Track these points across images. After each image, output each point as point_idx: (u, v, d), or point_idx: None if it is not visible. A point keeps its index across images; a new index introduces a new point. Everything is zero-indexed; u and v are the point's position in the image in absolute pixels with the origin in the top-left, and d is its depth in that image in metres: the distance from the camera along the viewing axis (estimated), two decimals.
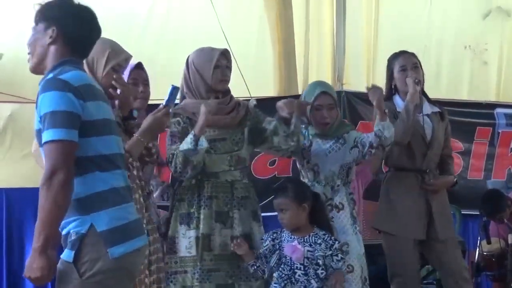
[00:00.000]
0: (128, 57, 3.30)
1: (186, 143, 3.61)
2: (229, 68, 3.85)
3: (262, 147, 4.00)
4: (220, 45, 5.83)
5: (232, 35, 6.02)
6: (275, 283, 3.71)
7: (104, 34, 3.39)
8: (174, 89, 3.34)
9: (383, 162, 4.52)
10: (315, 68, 6.61)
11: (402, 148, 4.17)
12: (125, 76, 3.49)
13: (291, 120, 3.86)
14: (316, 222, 3.78)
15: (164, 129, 3.41)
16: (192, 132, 3.62)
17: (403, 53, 4.27)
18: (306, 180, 4.05)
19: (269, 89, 6.45)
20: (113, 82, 3.21)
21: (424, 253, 4.28)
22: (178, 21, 6.25)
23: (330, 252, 3.71)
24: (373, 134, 3.87)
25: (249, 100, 4.01)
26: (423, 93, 4.27)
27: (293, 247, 3.69)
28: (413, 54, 4.28)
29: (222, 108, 3.79)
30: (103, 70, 3.21)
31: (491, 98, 6.54)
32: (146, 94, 3.72)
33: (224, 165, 3.79)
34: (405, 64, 4.19)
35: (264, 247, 3.73)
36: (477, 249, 5.41)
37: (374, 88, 3.96)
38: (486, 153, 6.34)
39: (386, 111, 3.92)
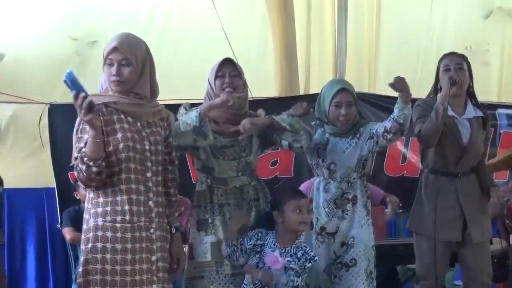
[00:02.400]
0: (111, 45, 3.27)
1: (191, 120, 3.60)
2: (236, 76, 3.82)
3: (273, 147, 4.03)
4: (222, 45, 5.94)
5: (234, 35, 6.02)
6: (245, 284, 3.70)
7: (106, 34, 3.42)
8: (68, 76, 3.09)
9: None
10: (316, 68, 6.61)
11: (436, 150, 4.17)
12: None
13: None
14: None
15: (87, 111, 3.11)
16: (198, 109, 3.63)
17: (451, 54, 4.27)
18: (321, 178, 4.06)
19: (271, 89, 6.45)
20: None
21: (457, 253, 4.28)
22: (179, 21, 6.25)
23: (305, 268, 3.68)
24: (389, 120, 3.84)
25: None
26: (470, 96, 4.25)
27: (274, 259, 3.66)
28: (461, 55, 4.27)
29: (228, 118, 3.80)
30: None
31: (493, 99, 6.54)
32: None
33: (231, 171, 3.84)
34: (448, 64, 4.19)
35: (248, 245, 3.71)
36: None
37: (399, 78, 3.81)
38: (487, 154, 6.33)
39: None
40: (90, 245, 3.17)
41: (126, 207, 3.20)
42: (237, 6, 6.39)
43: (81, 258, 3.22)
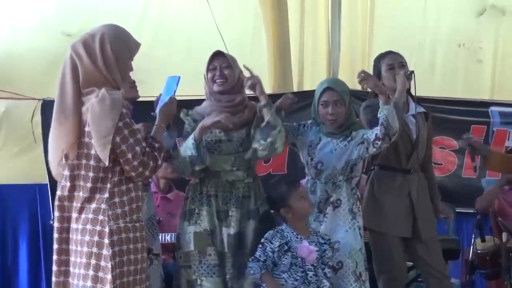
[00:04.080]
0: None
1: (189, 149, 3.73)
2: (227, 67, 3.89)
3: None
4: (215, 41, 5.92)
5: (227, 31, 6.02)
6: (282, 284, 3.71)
7: None
8: (174, 80, 3.47)
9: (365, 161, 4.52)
10: (310, 64, 6.60)
11: (389, 147, 4.17)
12: None
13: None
14: None
15: (175, 112, 3.52)
16: (192, 136, 3.73)
17: (389, 52, 4.34)
18: (309, 177, 4.08)
19: (264, 85, 6.38)
20: None
21: (406, 251, 4.31)
22: (173, 17, 6.25)
23: (332, 252, 3.82)
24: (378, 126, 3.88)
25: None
26: (409, 93, 4.30)
27: (308, 249, 3.71)
28: (399, 54, 4.34)
29: (222, 112, 3.84)
30: None
31: (486, 96, 6.54)
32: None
33: (226, 165, 3.88)
34: (392, 62, 4.26)
35: (275, 248, 3.70)
36: (471, 248, 5.41)
37: (365, 74, 3.97)
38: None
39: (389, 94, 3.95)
40: (117, 248, 3.09)
41: (139, 204, 3.22)
42: (231, 3, 6.39)
43: (105, 264, 3.09)
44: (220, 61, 3.90)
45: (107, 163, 3.07)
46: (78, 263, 3.13)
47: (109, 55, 3.12)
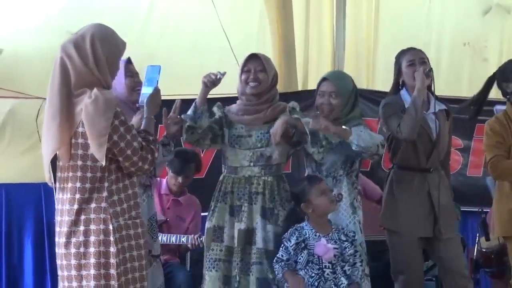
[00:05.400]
0: None
1: (190, 110, 3.91)
2: (261, 70, 3.98)
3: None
4: (220, 41, 5.93)
5: (232, 31, 6.03)
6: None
7: None
8: (155, 70, 3.47)
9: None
10: (315, 64, 6.60)
11: (408, 146, 4.17)
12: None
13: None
14: None
15: (160, 103, 3.50)
16: (194, 103, 3.91)
17: (411, 49, 4.30)
18: (309, 170, 4.09)
19: None
20: None
21: (427, 249, 4.30)
22: (178, 17, 6.25)
23: (354, 247, 3.79)
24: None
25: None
26: (430, 91, 4.26)
27: (326, 248, 3.73)
28: (421, 50, 4.30)
29: (247, 109, 4.00)
30: None
31: (491, 95, 6.48)
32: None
33: (244, 161, 3.96)
34: (413, 58, 4.21)
35: (291, 246, 3.74)
36: (476, 246, 5.41)
37: (315, 118, 3.98)
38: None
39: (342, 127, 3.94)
40: (120, 245, 3.11)
41: (136, 201, 3.24)
42: (236, 3, 6.40)
43: (106, 260, 3.11)
44: (254, 64, 3.98)
45: (103, 163, 3.07)
46: (84, 265, 3.11)
47: (100, 55, 3.12)
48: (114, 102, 3.09)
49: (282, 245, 3.77)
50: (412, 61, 4.20)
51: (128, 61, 3.82)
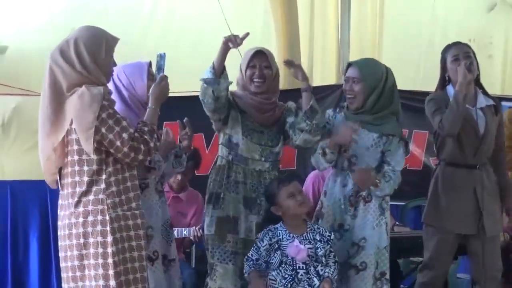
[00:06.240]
0: None
1: (206, 72, 3.78)
2: (267, 67, 3.92)
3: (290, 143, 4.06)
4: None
5: (237, 29, 5.96)
6: (272, 280, 3.69)
7: (108, 28, 3.44)
8: (160, 57, 3.55)
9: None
10: (319, 62, 6.61)
11: (454, 142, 4.13)
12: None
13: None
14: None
15: (168, 93, 3.55)
16: (212, 62, 3.77)
17: (456, 43, 4.25)
18: (338, 168, 4.03)
19: None
20: None
21: (464, 244, 4.26)
22: (182, 15, 6.26)
23: (329, 247, 3.73)
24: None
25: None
26: (478, 85, 4.22)
27: (297, 249, 3.68)
28: (466, 44, 4.25)
29: (257, 106, 3.93)
30: None
31: (496, 91, 6.51)
32: None
33: (255, 154, 3.93)
34: (457, 53, 4.16)
35: (263, 247, 3.71)
36: None
37: (360, 171, 3.93)
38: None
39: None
40: (118, 235, 3.20)
41: (137, 193, 3.31)
42: (241, 1, 6.39)
43: (104, 250, 3.18)
44: (260, 60, 3.93)
45: (91, 155, 3.17)
46: (85, 254, 3.20)
47: (85, 56, 3.21)
48: (100, 97, 3.16)
49: (254, 244, 3.73)
50: (457, 55, 4.14)
51: (150, 65, 3.83)
